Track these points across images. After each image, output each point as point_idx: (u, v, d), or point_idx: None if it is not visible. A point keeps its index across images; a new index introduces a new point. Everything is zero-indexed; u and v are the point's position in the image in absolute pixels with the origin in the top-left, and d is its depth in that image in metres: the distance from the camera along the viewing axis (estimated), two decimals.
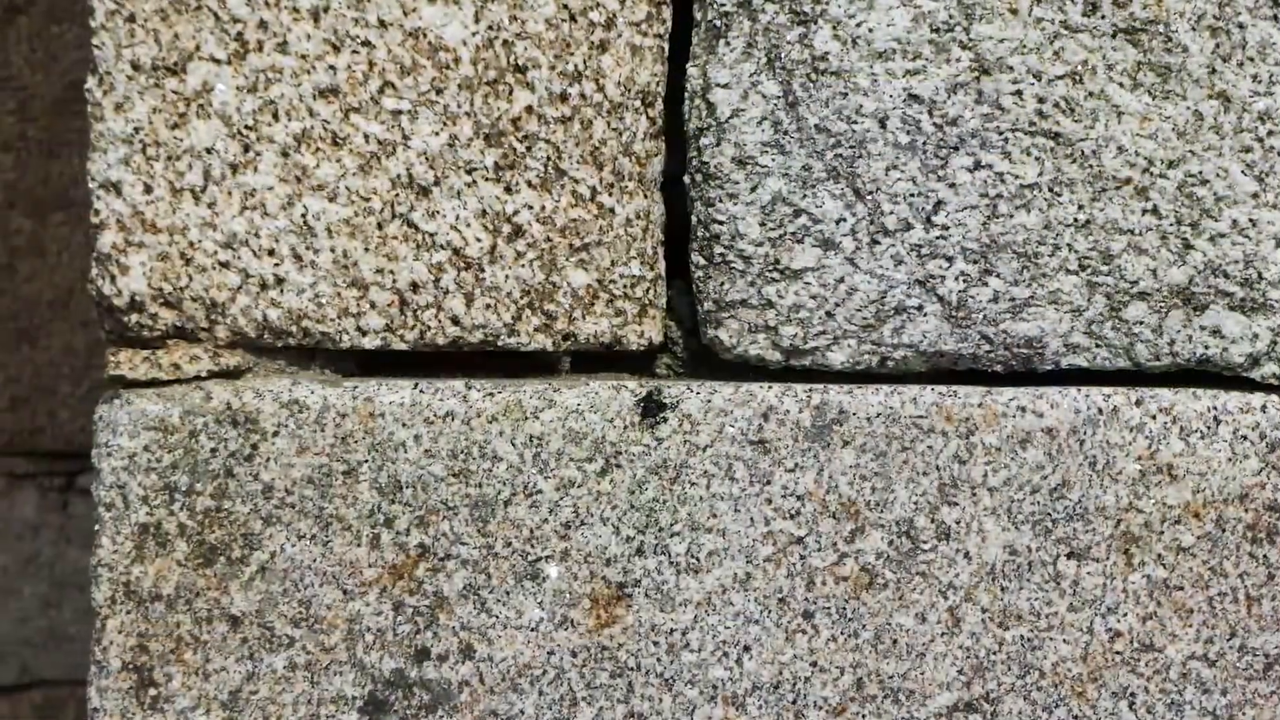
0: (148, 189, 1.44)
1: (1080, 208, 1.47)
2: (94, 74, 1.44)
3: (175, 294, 1.45)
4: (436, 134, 1.46)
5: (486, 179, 1.47)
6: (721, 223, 1.47)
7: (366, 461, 1.46)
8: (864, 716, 1.47)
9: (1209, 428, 1.48)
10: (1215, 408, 1.48)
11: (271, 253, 1.45)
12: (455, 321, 1.47)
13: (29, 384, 2.51)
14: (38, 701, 2.53)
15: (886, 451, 1.47)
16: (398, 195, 1.46)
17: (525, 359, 1.52)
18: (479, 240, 1.47)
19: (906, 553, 1.48)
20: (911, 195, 1.47)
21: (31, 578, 2.52)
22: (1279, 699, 1.48)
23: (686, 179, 1.49)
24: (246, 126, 1.45)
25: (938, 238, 1.47)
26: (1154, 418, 1.48)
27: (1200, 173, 1.47)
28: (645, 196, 1.49)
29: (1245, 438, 1.47)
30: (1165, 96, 1.47)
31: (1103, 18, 1.46)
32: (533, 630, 1.47)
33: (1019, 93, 1.47)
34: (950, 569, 1.48)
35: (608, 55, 1.47)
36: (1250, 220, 1.48)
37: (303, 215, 1.45)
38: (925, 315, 1.48)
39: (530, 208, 1.47)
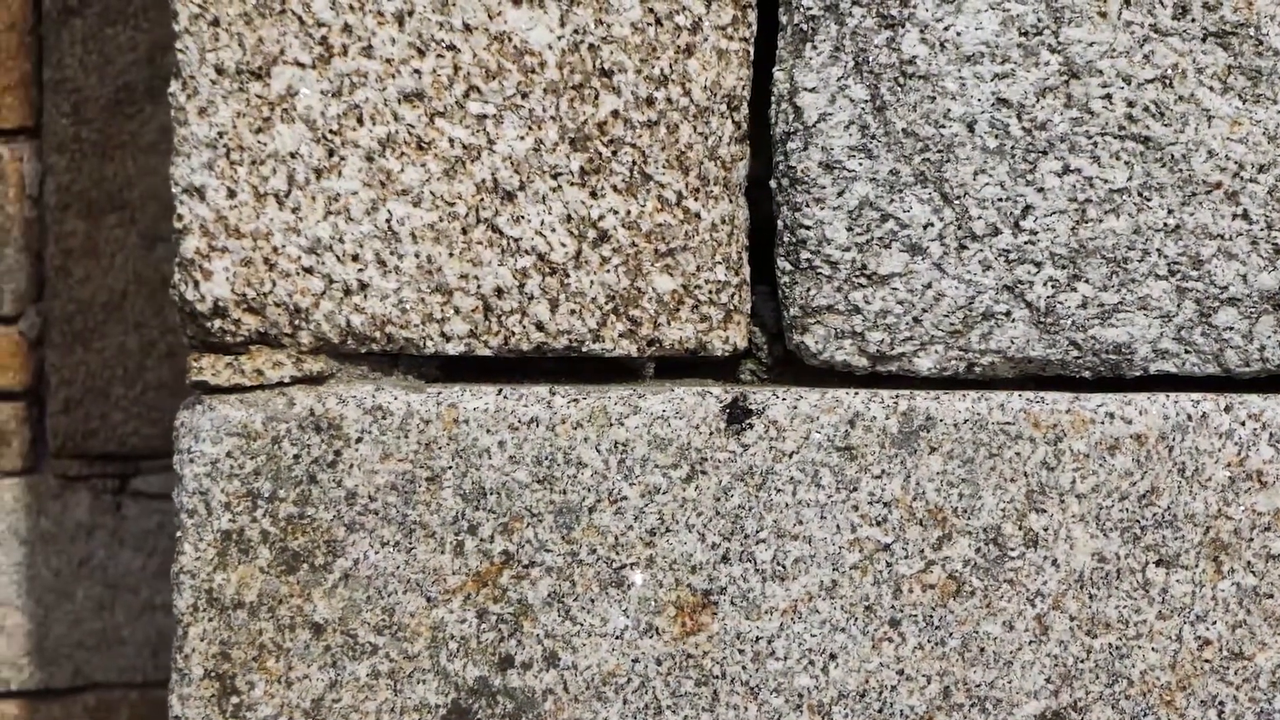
0: (231, 193, 1.43)
1: (1170, 212, 1.46)
2: (177, 77, 1.43)
3: (259, 299, 1.44)
4: (522, 138, 1.45)
5: (572, 184, 1.46)
6: (808, 227, 1.46)
7: (450, 468, 1.45)
8: None
9: None
10: None
11: (355, 258, 1.44)
12: (540, 327, 1.46)
13: (82, 386, 2.50)
14: (91, 704, 2.53)
15: (974, 458, 1.46)
16: (482, 200, 1.45)
17: (607, 365, 1.51)
18: (564, 245, 1.46)
19: (994, 560, 1.46)
20: (1000, 200, 1.46)
21: (84, 580, 2.52)
22: None
23: (772, 183, 1.47)
24: (331, 131, 1.44)
25: (1026, 243, 1.46)
26: (1243, 424, 1.46)
27: None
28: (730, 201, 1.48)
29: None
30: (1256, 100, 1.46)
31: (1193, 21, 1.45)
32: (617, 638, 1.46)
33: (1108, 96, 1.45)
34: (1038, 576, 1.46)
35: (694, 59, 1.46)
36: None
37: (387, 220, 1.44)
38: (1013, 321, 1.47)
39: (616, 213, 1.46)
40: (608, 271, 1.46)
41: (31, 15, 2.49)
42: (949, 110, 1.45)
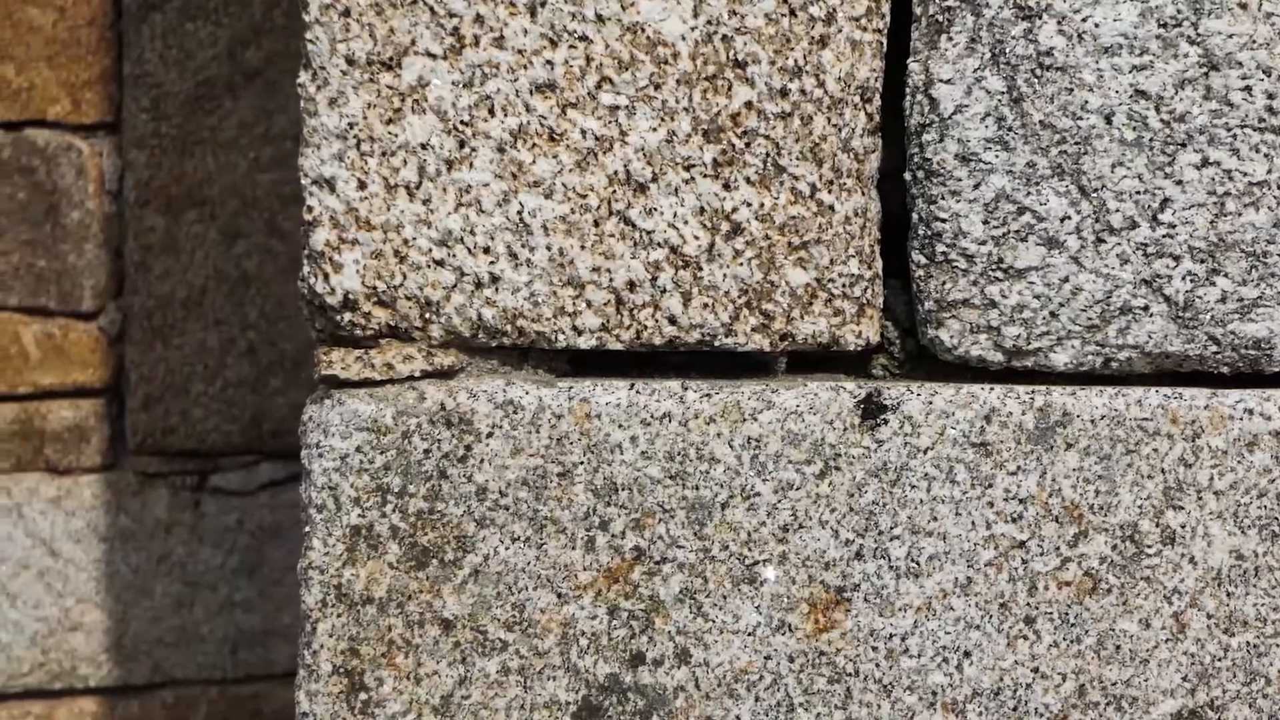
0: (362, 185, 1.42)
1: None
2: (306, 68, 1.42)
3: (389, 292, 1.43)
4: (654, 130, 1.43)
5: (705, 175, 1.44)
6: (944, 220, 1.44)
7: (582, 463, 1.43)
8: None
9: None
10: None
11: (487, 250, 1.43)
12: (672, 321, 1.45)
13: (162, 383, 2.50)
14: (169, 701, 2.52)
15: (1111, 454, 1.44)
16: (615, 192, 1.44)
17: (736, 359, 1.49)
18: (697, 238, 1.44)
19: (1130, 557, 1.45)
20: (1138, 193, 1.44)
21: (164, 577, 2.51)
22: None
23: (907, 176, 1.46)
24: (462, 122, 1.42)
25: (1164, 236, 1.45)
26: None
27: None
28: (863, 194, 1.47)
29: None
30: None
31: None
32: (749, 635, 1.44)
33: (1248, 89, 1.43)
34: (1175, 574, 1.45)
35: (828, 50, 1.44)
36: None
37: (518, 212, 1.43)
38: (1151, 315, 1.45)
39: (749, 205, 1.44)
40: (741, 265, 1.45)
41: (111, 10, 2.48)
42: (1086, 102, 1.44)
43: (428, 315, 1.43)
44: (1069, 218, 1.44)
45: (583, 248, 1.44)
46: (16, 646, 2.46)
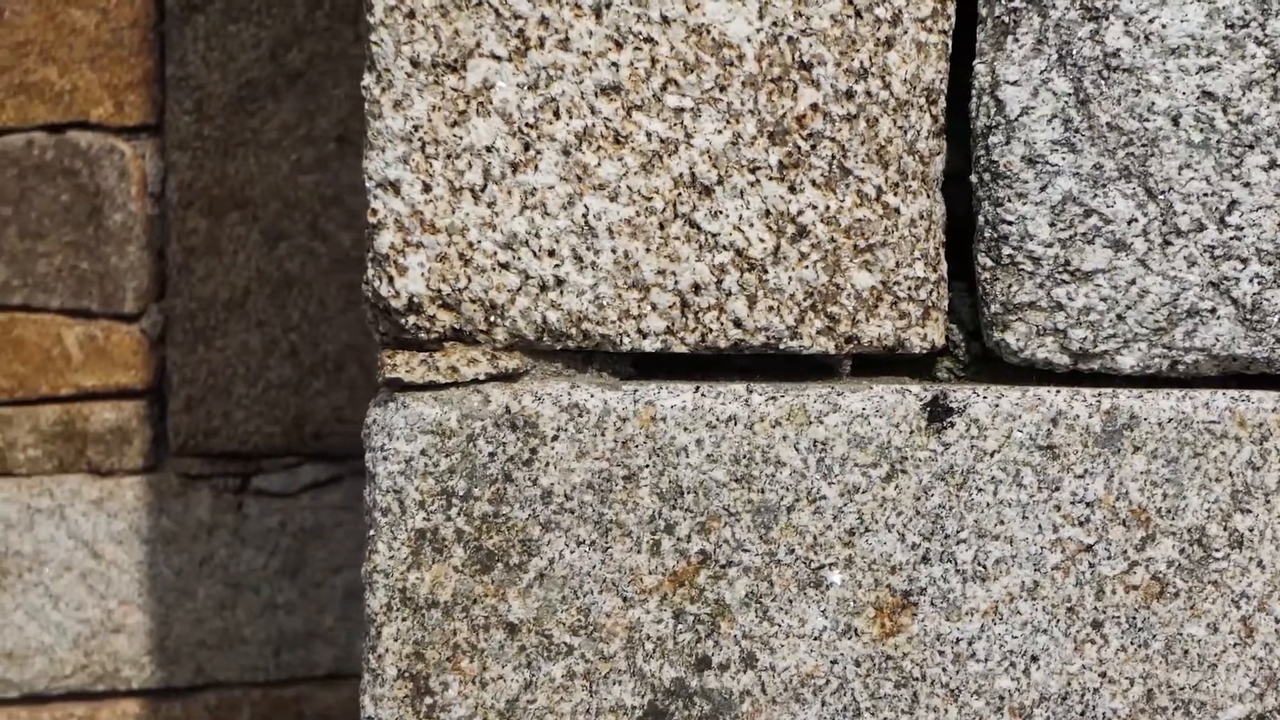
0: (426, 188, 1.42)
1: None
2: (371, 71, 1.42)
3: (454, 295, 1.42)
4: (719, 132, 1.43)
5: (770, 178, 1.44)
6: (1010, 223, 1.44)
7: (647, 466, 1.43)
8: None
9: None
10: None
11: (552, 253, 1.43)
12: (737, 324, 1.44)
13: (204, 384, 2.50)
14: (212, 703, 2.52)
15: (1178, 457, 1.44)
16: (680, 195, 1.43)
17: (801, 361, 1.48)
18: (762, 241, 1.44)
19: (1198, 561, 1.44)
20: (1205, 195, 1.44)
21: (206, 579, 2.51)
22: None
23: (973, 178, 1.45)
24: (527, 124, 1.42)
25: (1232, 238, 1.44)
26: None
27: None
28: (928, 196, 1.46)
29: None
30: None
31: None
32: (815, 639, 1.44)
33: None
34: (1243, 578, 1.44)
35: (893, 52, 1.44)
36: None
37: (583, 215, 1.43)
38: (1218, 318, 1.44)
39: (814, 207, 1.44)
40: (806, 267, 1.44)
41: (154, 12, 2.48)
42: (1153, 104, 1.43)
43: (492, 318, 1.43)
44: (1136, 220, 1.44)
45: (648, 250, 1.43)
46: (59, 648, 2.46)
